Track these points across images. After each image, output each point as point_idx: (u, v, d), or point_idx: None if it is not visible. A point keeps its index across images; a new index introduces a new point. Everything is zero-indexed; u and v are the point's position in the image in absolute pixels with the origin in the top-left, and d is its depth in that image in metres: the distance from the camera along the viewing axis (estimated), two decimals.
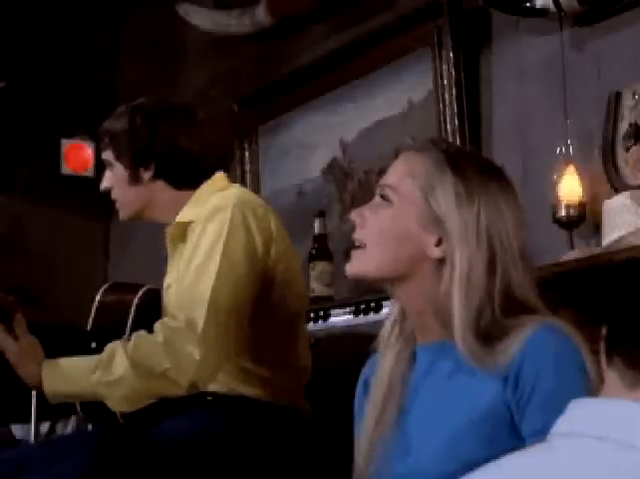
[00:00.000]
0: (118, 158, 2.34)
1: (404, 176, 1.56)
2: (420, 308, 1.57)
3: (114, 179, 2.37)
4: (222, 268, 2.12)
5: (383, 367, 1.62)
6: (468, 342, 1.48)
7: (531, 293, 1.53)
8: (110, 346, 2.09)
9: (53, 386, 2.09)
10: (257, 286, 2.17)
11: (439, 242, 1.52)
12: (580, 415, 0.98)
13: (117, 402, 2.08)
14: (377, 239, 1.56)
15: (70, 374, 2.08)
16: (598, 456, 0.92)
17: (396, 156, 1.62)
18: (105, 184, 2.41)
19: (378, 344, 1.64)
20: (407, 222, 1.54)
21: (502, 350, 1.47)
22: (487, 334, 1.49)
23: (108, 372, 2.05)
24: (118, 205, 2.39)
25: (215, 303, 2.09)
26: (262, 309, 2.20)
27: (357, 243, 1.59)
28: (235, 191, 2.30)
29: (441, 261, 1.52)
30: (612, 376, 0.99)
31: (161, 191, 2.34)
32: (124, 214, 2.40)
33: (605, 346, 1.01)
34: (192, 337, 2.05)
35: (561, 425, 0.99)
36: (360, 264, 1.58)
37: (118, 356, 2.06)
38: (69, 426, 3.62)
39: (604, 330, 1.02)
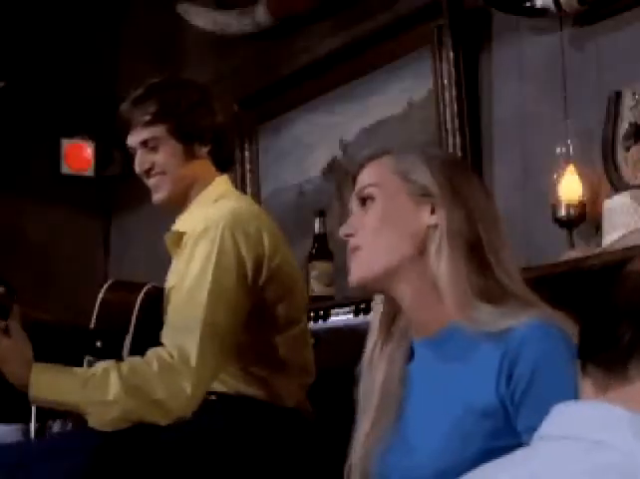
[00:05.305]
0: (173, 132, 2.29)
1: (376, 173, 1.61)
2: (422, 295, 1.56)
3: (164, 155, 2.30)
4: (213, 293, 2.11)
5: (375, 373, 1.61)
6: (463, 295, 1.50)
7: (521, 283, 1.55)
8: (103, 366, 2.06)
9: (39, 391, 2.05)
10: (249, 305, 2.17)
11: (432, 211, 1.56)
12: (560, 418, 1.00)
13: (101, 422, 2.03)
14: (375, 234, 1.58)
15: (59, 383, 2.05)
16: (576, 457, 0.93)
17: (352, 175, 1.65)
18: (144, 165, 2.30)
19: (363, 360, 1.64)
20: (399, 203, 1.58)
21: (502, 315, 1.49)
22: (488, 293, 1.51)
23: (100, 392, 2.02)
24: (161, 184, 2.31)
25: (207, 329, 2.08)
26: (261, 317, 2.20)
27: (352, 250, 1.60)
28: (230, 205, 2.27)
29: (435, 228, 1.56)
30: (586, 383, 1.00)
31: (207, 170, 2.34)
32: (165, 193, 2.32)
33: (578, 355, 1.02)
34: (186, 372, 2.04)
35: (543, 429, 1.01)
36: (366, 266, 1.59)
37: (112, 378, 2.03)
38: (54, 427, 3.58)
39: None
